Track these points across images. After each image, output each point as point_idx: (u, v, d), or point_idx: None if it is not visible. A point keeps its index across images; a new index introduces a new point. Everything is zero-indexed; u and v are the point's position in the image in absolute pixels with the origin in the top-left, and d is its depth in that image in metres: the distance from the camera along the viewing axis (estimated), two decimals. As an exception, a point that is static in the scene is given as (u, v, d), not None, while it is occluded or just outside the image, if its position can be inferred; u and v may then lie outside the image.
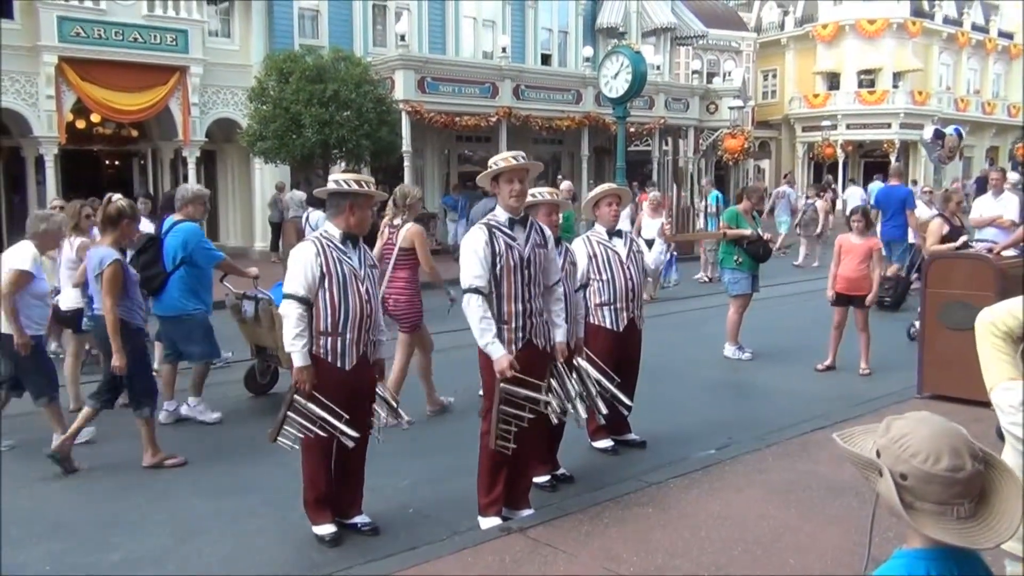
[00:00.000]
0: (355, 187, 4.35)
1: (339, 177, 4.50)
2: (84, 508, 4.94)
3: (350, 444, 4.18)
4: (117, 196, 5.85)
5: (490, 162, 4.49)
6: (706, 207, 16.57)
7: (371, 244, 5.69)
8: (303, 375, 4.20)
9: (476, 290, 4.28)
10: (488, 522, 4.48)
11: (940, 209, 9.27)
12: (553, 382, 4.63)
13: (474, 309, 4.26)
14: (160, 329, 6.90)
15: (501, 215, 4.43)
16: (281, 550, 4.34)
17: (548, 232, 4.64)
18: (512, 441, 4.26)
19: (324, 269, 4.19)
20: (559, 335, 4.61)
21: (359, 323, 4.24)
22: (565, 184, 12.94)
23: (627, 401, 5.37)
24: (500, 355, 4.22)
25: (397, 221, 6.62)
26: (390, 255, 6.54)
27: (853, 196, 24.74)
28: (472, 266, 4.29)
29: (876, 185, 24.99)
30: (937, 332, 6.79)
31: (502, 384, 4.23)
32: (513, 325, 4.35)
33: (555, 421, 4.75)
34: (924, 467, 1.58)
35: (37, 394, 5.93)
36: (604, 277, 5.63)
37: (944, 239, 8.31)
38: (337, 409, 4.18)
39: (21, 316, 5.66)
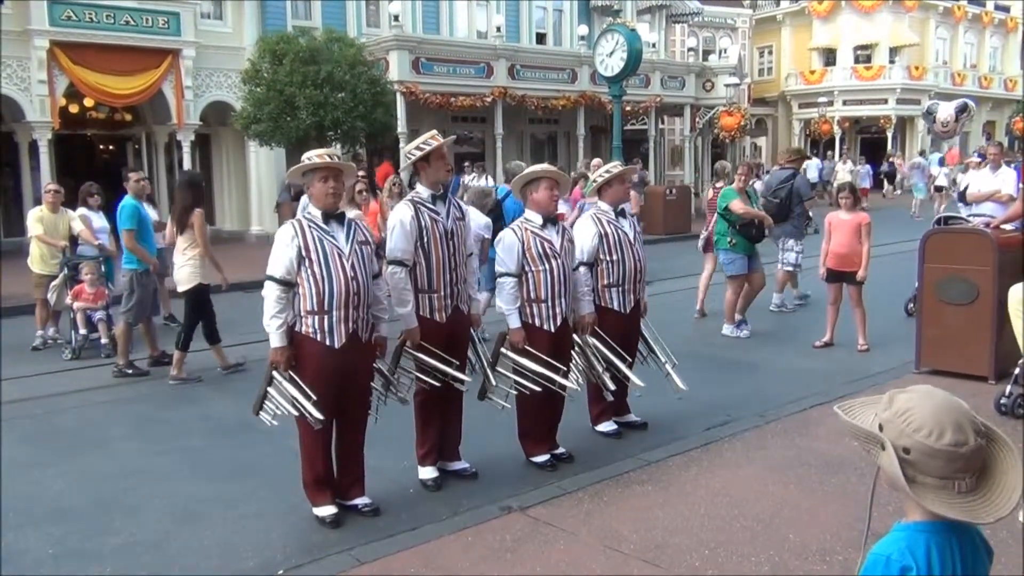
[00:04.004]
0: (315, 160, 4.28)
1: (307, 155, 4.40)
2: (84, 493, 4.94)
3: (316, 426, 4.18)
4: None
5: (414, 145, 4.71)
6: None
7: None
8: (278, 355, 4.23)
9: (401, 263, 4.57)
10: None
11: None
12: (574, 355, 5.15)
13: (397, 280, 4.57)
14: None
15: (424, 192, 4.69)
16: (281, 532, 4.34)
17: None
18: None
19: (303, 250, 4.16)
20: (475, 307, 5.01)
21: (346, 301, 4.19)
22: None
23: (639, 383, 5.40)
24: (414, 325, 4.62)
25: (720, 184, 9.61)
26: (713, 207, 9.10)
27: (811, 168, 24.74)
28: (399, 240, 4.56)
29: (935, 156, 24.94)
30: (935, 307, 6.78)
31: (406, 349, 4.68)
32: (442, 293, 4.68)
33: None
34: (928, 442, 1.57)
35: None
36: (614, 258, 5.48)
37: None
38: (307, 389, 4.16)
39: None
